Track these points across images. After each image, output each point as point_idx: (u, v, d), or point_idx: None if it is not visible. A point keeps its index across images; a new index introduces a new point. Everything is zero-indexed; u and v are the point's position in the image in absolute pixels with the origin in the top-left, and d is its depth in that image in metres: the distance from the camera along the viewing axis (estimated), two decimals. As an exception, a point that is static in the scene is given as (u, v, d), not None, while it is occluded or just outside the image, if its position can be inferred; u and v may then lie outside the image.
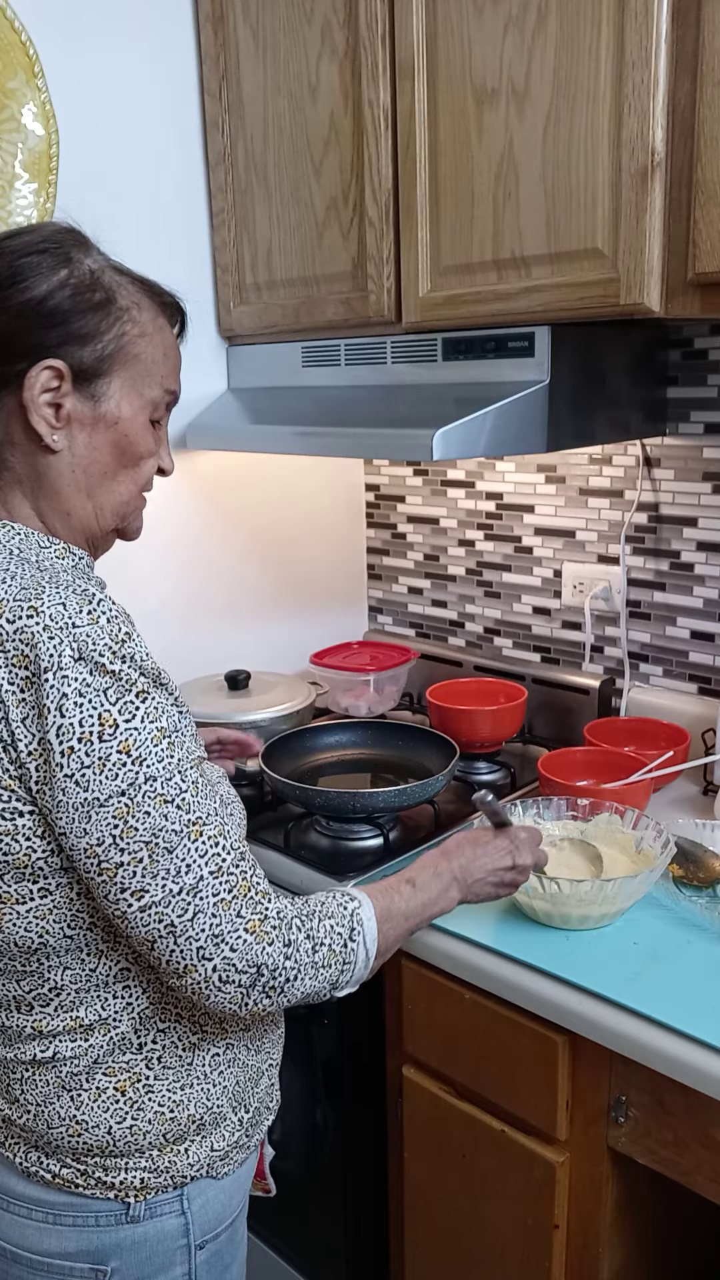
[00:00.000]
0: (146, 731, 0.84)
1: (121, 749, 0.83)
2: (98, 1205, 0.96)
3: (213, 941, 0.87)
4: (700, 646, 1.72)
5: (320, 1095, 1.45)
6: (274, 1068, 1.10)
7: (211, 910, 0.87)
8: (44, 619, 0.83)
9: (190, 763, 0.88)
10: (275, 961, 0.89)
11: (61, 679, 0.82)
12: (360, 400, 1.59)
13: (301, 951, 0.91)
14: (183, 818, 0.86)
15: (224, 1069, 1.00)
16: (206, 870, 0.87)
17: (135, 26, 1.67)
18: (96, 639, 0.83)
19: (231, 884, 0.88)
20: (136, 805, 0.84)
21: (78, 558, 0.95)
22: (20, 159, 1.55)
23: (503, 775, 1.72)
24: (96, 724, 0.82)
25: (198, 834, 0.87)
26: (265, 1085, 1.07)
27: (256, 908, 0.89)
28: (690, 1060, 1.04)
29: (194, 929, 0.86)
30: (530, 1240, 1.25)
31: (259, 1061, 1.05)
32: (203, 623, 1.97)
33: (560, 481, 1.84)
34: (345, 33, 1.52)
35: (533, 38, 1.30)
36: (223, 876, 0.88)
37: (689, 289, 1.25)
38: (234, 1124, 1.02)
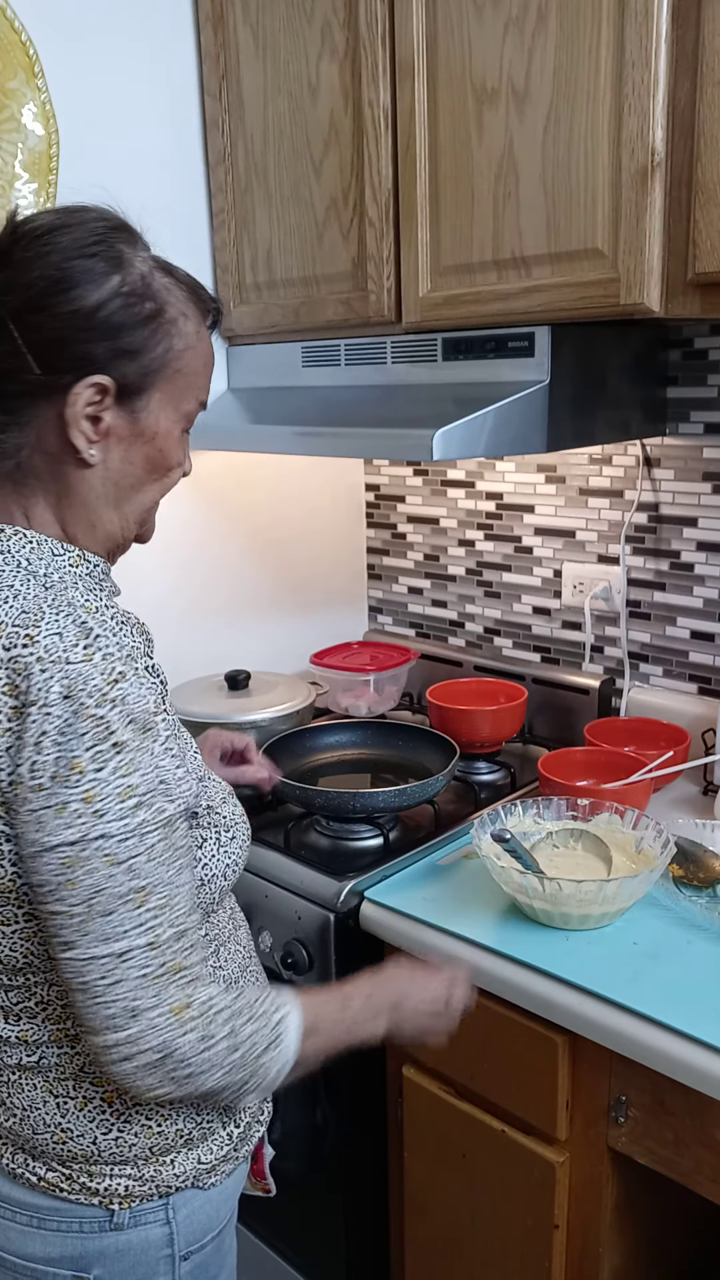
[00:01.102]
0: (113, 785, 0.81)
1: (84, 798, 0.80)
2: (81, 1211, 0.95)
3: (127, 1013, 0.82)
4: (700, 646, 1.72)
5: (320, 1095, 1.45)
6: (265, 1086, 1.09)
7: (135, 982, 0.82)
8: (39, 649, 0.81)
9: (158, 825, 0.83)
10: (187, 1052, 0.84)
11: (45, 714, 0.80)
12: (360, 400, 1.59)
13: (218, 1049, 0.86)
14: (128, 883, 0.81)
15: None
16: (139, 941, 0.82)
17: (135, 26, 1.67)
18: (88, 678, 0.81)
19: (163, 961, 0.83)
20: (83, 860, 0.80)
21: (92, 565, 0.93)
22: (20, 159, 1.55)
23: (503, 775, 1.72)
24: (66, 768, 0.80)
25: (140, 902, 0.82)
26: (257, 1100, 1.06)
27: (183, 991, 0.84)
28: (690, 1060, 1.04)
29: (111, 995, 0.82)
30: (530, 1240, 1.25)
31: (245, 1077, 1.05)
32: (203, 622, 1.97)
33: (560, 481, 1.84)
34: (345, 33, 1.52)
35: (533, 38, 1.30)
36: (155, 951, 0.83)
37: (689, 289, 1.25)
38: (223, 1139, 1.01)
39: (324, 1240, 1.53)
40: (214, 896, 0.97)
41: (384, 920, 1.32)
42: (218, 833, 0.97)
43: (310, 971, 1.40)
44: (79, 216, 0.89)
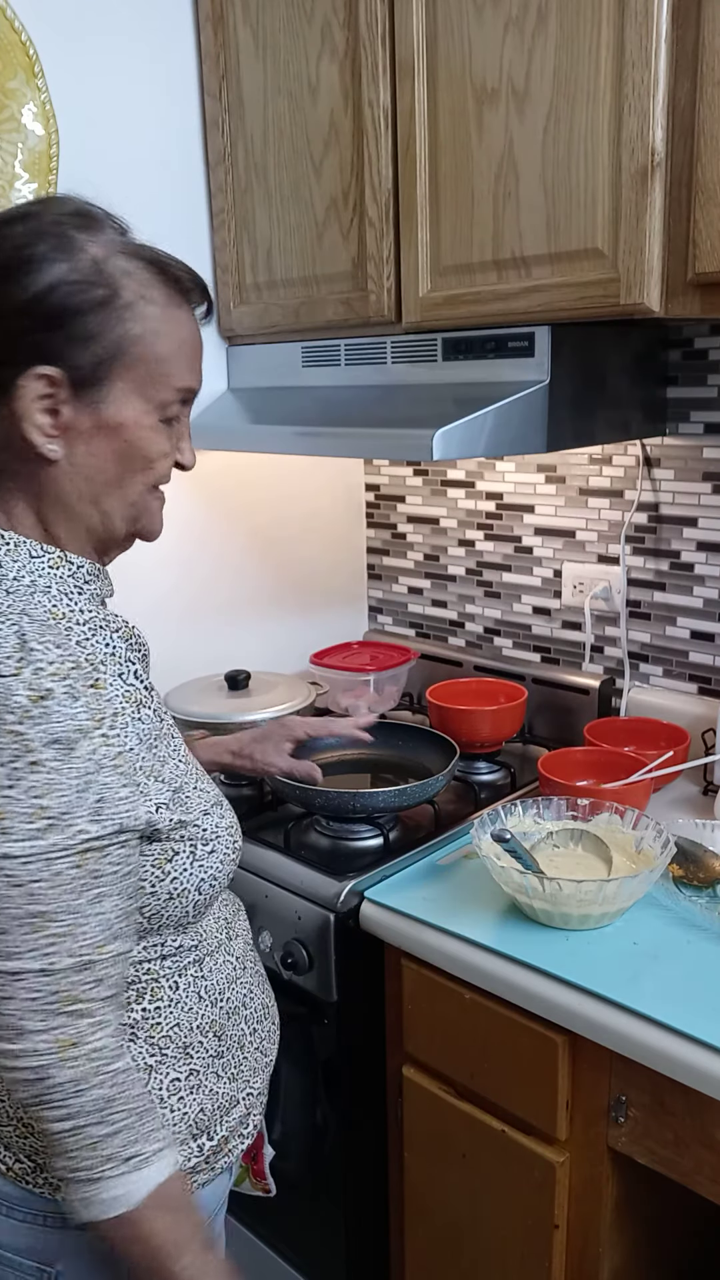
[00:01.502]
0: (24, 805, 0.78)
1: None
2: (45, 1204, 0.94)
3: (14, 1030, 0.80)
4: (700, 646, 1.72)
5: (320, 1095, 1.45)
6: (255, 1097, 1.05)
7: (23, 1003, 0.79)
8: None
9: (72, 850, 0.80)
10: (59, 1085, 0.81)
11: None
12: (360, 400, 1.59)
13: (84, 1103, 0.81)
14: (27, 906, 0.79)
15: (185, 1095, 0.96)
16: (33, 966, 0.79)
17: (135, 26, 1.67)
18: (12, 692, 0.78)
19: (56, 990, 0.80)
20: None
21: (75, 566, 0.91)
22: (20, 159, 1.55)
23: (503, 775, 1.72)
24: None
25: (37, 928, 0.79)
26: (239, 1115, 1.02)
27: (74, 1026, 0.81)
28: (690, 1060, 1.04)
29: (2, 1008, 0.80)
30: (530, 1240, 1.25)
31: (233, 1090, 1.01)
32: (203, 622, 1.97)
33: (560, 481, 1.84)
34: (345, 33, 1.52)
35: (533, 38, 1.30)
36: (48, 978, 0.80)
37: (689, 289, 1.25)
38: (192, 1150, 0.97)
39: (324, 1240, 1.53)
40: (186, 910, 0.94)
41: (384, 920, 1.32)
42: (192, 846, 0.93)
43: (310, 971, 1.40)
44: (41, 207, 0.87)
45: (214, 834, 0.95)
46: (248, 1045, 1.04)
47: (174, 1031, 0.96)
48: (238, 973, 1.04)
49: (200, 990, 0.98)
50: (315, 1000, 1.40)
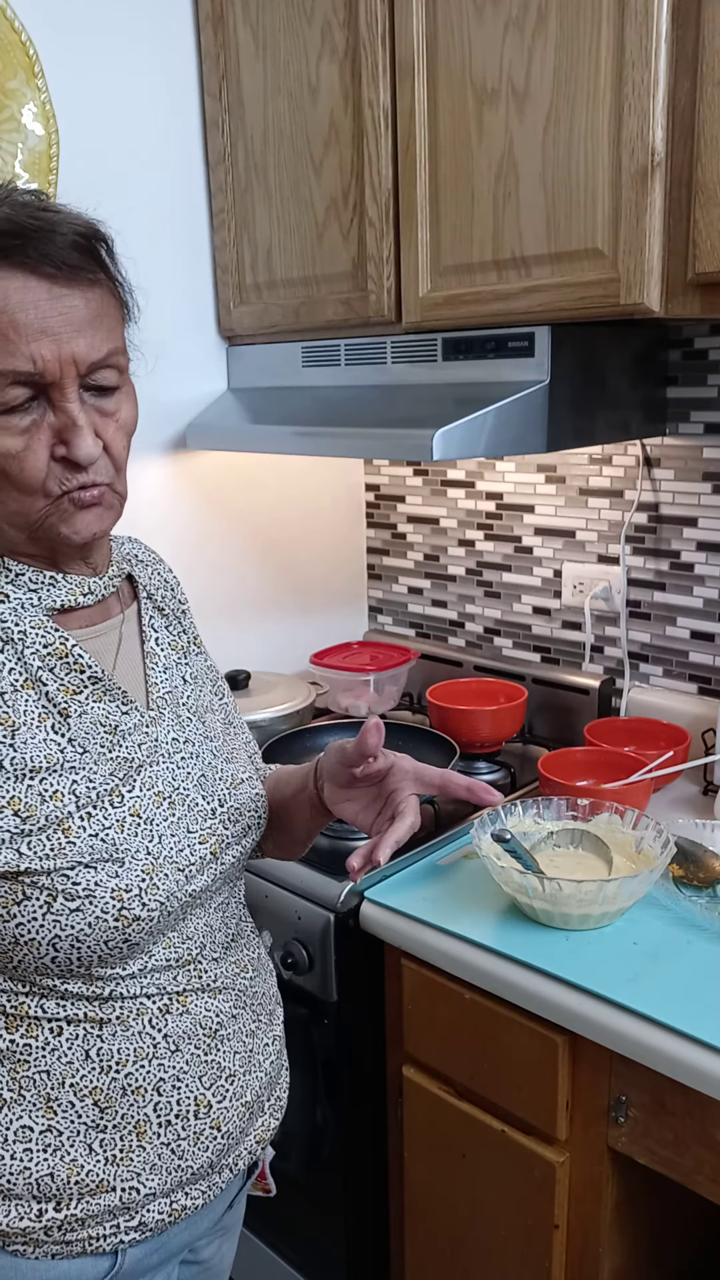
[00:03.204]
0: None
1: None
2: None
3: None
4: (700, 646, 1.72)
5: (320, 1095, 1.45)
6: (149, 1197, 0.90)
7: None
8: None
9: None
10: None
11: None
12: (360, 400, 1.59)
13: None
14: None
15: (33, 1149, 0.87)
16: None
17: (135, 26, 1.67)
18: None
19: None
20: None
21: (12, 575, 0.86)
22: (20, 159, 1.55)
23: (503, 775, 1.72)
24: None
25: None
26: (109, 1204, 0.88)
27: None
28: (690, 1060, 1.04)
29: None
30: (530, 1240, 1.25)
31: (107, 1173, 0.88)
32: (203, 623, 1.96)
33: (560, 481, 1.84)
34: (345, 33, 1.52)
35: (533, 38, 1.30)
36: None
37: (689, 289, 1.25)
38: (29, 1211, 0.87)
39: (324, 1240, 1.53)
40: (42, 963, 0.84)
41: (384, 920, 1.32)
42: (49, 896, 0.82)
43: (310, 971, 1.40)
44: None
45: (87, 891, 0.83)
46: (150, 1136, 0.90)
47: (40, 1077, 0.87)
48: (159, 1053, 0.90)
49: (90, 1050, 0.88)
50: (315, 1000, 1.40)
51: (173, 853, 0.89)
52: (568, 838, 1.34)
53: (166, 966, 0.91)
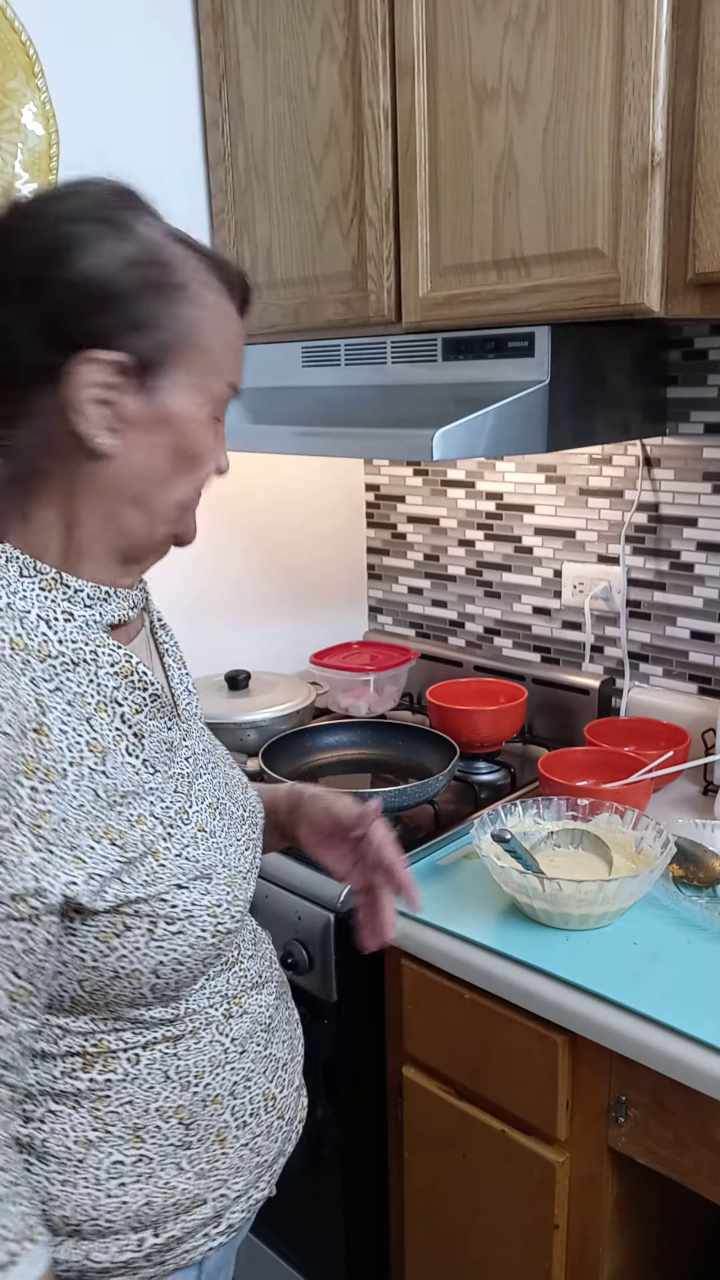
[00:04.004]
0: None
1: None
2: None
3: None
4: (700, 646, 1.72)
5: (320, 1095, 1.45)
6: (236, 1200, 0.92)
7: None
8: None
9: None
10: None
11: None
12: (360, 400, 1.59)
13: None
14: None
15: (127, 1181, 0.85)
16: None
17: (135, 26, 1.67)
18: None
19: None
20: None
21: (72, 590, 0.81)
22: (20, 159, 1.55)
23: (503, 775, 1.72)
24: None
25: None
26: (203, 1215, 0.89)
27: None
28: (690, 1060, 1.04)
29: None
30: (530, 1240, 1.25)
31: (199, 1188, 0.88)
32: (203, 623, 1.97)
33: (560, 481, 1.84)
34: (345, 33, 1.52)
35: (533, 38, 1.30)
36: None
37: (689, 289, 1.25)
38: (128, 1243, 0.86)
39: (324, 1240, 1.53)
40: (141, 993, 0.83)
41: (384, 920, 1.32)
42: (152, 923, 0.81)
43: (310, 971, 1.40)
44: (81, 186, 0.79)
45: (185, 912, 0.83)
46: (230, 1140, 0.91)
47: (124, 1109, 0.85)
48: (230, 1057, 0.91)
49: (169, 1070, 0.87)
50: (315, 1000, 1.40)
51: (237, 862, 0.90)
52: (568, 838, 1.34)
53: (220, 972, 0.91)
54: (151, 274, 0.77)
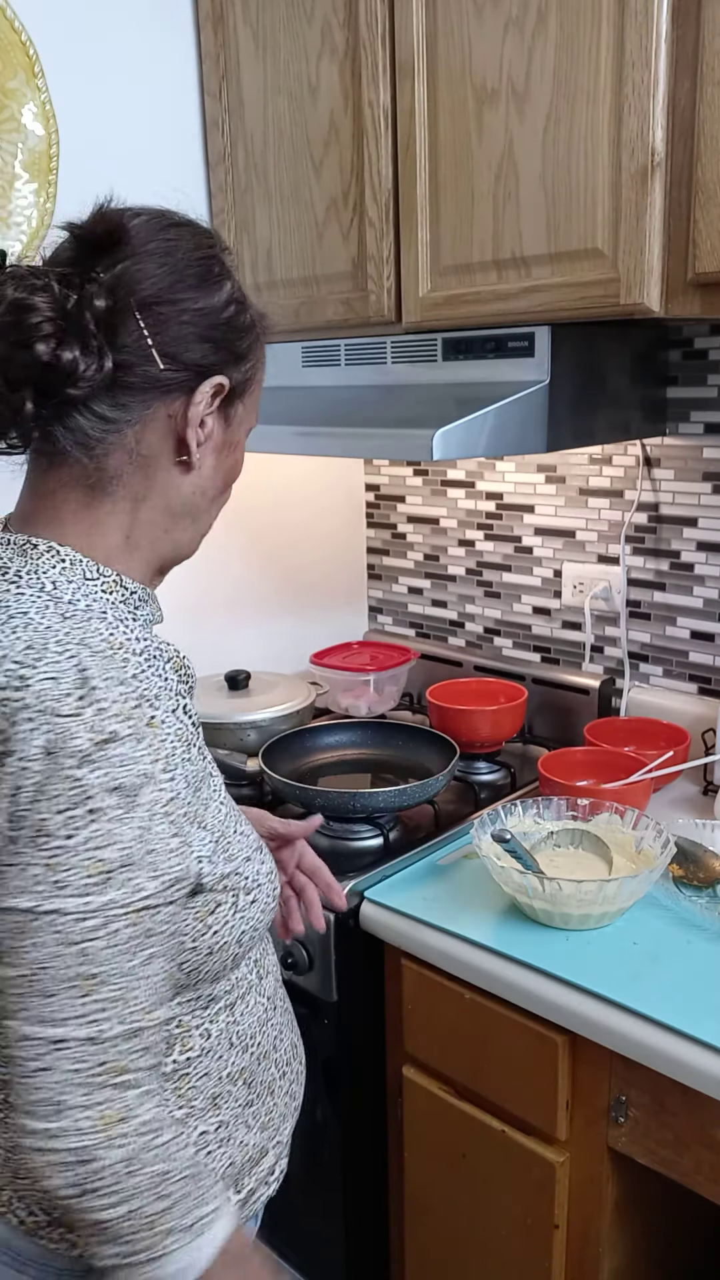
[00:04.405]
0: (80, 857, 0.72)
1: (47, 864, 0.72)
2: (60, 1261, 0.87)
3: (51, 1105, 0.73)
4: (700, 646, 1.72)
5: (320, 1095, 1.45)
6: (283, 1145, 1.00)
7: (65, 1075, 0.73)
8: (29, 695, 0.73)
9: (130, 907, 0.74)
10: (105, 1168, 0.73)
11: (22, 769, 0.72)
12: (360, 400, 1.59)
13: (142, 1180, 0.75)
14: (78, 968, 0.73)
15: (214, 1149, 0.90)
16: (79, 1033, 0.73)
17: (135, 26, 1.67)
18: (72, 734, 0.73)
19: (103, 1060, 0.73)
20: (33, 931, 0.72)
21: (128, 592, 0.85)
22: (20, 159, 1.55)
23: (503, 775, 1.72)
24: (34, 829, 0.72)
25: (88, 990, 0.73)
26: (269, 1163, 0.97)
27: (121, 1099, 0.74)
28: (690, 1060, 1.04)
29: (37, 1081, 0.73)
30: (530, 1240, 1.25)
31: (263, 1140, 0.96)
32: (204, 623, 1.96)
33: (560, 481, 1.84)
34: (345, 33, 1.52)
35: (533, 38, 1.30)
36: (96, 1048, 0.73)
37: (689, 289, 1.25)
38: None
39: (324, 1240, 1.53)
40: (225, 963, 0.89)
41: (384, 920, 1.32)
42: (235, 896, 0.87)
43: (310, 971, 1.40)
44: (178, 217, 0.87)
45: (255, 882, 0.90)
46: (277, 1090, 0.98)
47: (202, 1082, 0.89)
48: (269, 1014, 0.98)
49: (232, 1036, 0.92)
50: (315, 1000, 1.40)
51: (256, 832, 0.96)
52: (568, 838, 1.35)
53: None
54: (247, 316, 0.89)
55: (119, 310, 0.80)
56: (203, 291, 0.84)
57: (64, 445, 0.82)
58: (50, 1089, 0.73)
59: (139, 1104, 0.76)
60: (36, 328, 0.77)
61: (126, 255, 0.81)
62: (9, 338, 0.77)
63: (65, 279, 0.79)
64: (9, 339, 0.77)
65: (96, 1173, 0.73)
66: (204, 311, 0.84)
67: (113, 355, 0.79)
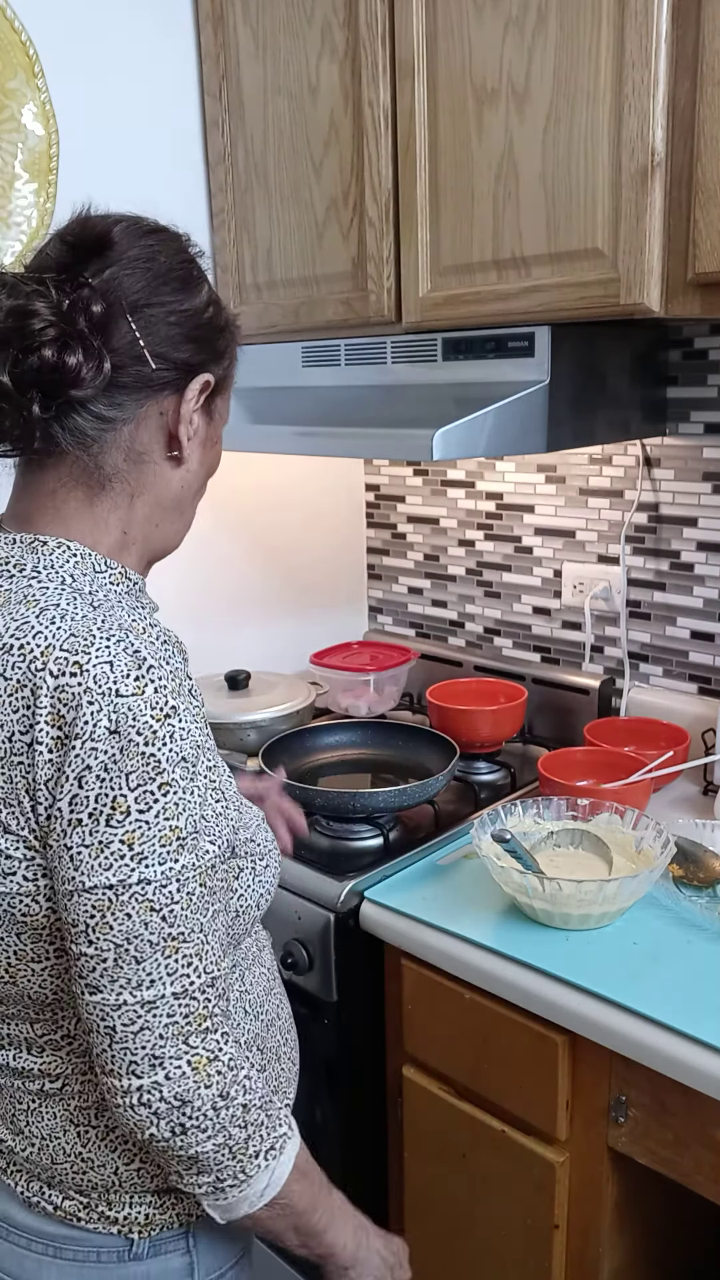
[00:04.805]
0: (157, 828, 0.77)
1: (125, 840, 0.77)
2: (99, 1240, 0.92)
3: (149, 1061, 0.79)
4: (700, 646, 1.72)
5: (320, 1095, 1.45)
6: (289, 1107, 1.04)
7: (161, 1030, 0.79)
8: (88, 679, 0.77)
9: (199, 869, 0.81)
10: (202, 1105, 0.80)
11: (90, 750, 0.76)
12: (360, 400, 1.59)
13: (231, 1113, 0.82)
14: (164, 930, 0.78)
15: None
16: (170, 990, 0.79)
17: (135, 26, 1.67)
18: (138, 713, 0.77)
19: (191, 1009, 0.80)
20: (120, 904, 0.77)
21: (132, 583, 0.90)
22: (20, 159, 1.55)
23: (503, 775, 1.72)
24: (109, 806, 0.76)
25: (174, 949, 0.79)
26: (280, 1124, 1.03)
27: (209, 1041, 0.81)
28: (690, 1060, 1.04)
29: (135, 1043, 0.79)
30: (530, 1240, 1.25)
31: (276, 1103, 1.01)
32: (204, 623, 1.97)
33: (560, 481, 1.84)
34: (345, 33, 1.52)
35: (533, 38, 1.30)
36: (185, 999, 0.80)
37: (689, 289, 1.25)
38: None
39: (324, 1240, 1.53)
40: (246, 926, 0.95)
41: (384, 920, 1.32)
42: (253, 862, 0.95)
43: (310, 971, 1.40)
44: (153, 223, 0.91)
45: (266, 848, 0.97)
46: (283, 1056, 1.03)
47: None
48: (271, 984, 1.03)
49: (245, 1005, 0.97)
50: (315, 1000, 1.40)
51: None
52: (568, 838, 1.35)
53: None
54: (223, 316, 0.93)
55: (112, 313, 0.83)
56: (185, 294, 0.88)
57: (64, 445, 0.85)
58: (148, 1046, 0.79)
59: (223, 1044, 0.82)
60: (41, 333, 0.80)
61: (114, 260, 0.84)
62: (14, 344, 0.80)
63: (59, 285, 0.82)
64: (15, 345, 0.80)
65: (194, 1112, 0.80)
66: (188, 312, 0.88)
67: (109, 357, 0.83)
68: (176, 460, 0.90)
